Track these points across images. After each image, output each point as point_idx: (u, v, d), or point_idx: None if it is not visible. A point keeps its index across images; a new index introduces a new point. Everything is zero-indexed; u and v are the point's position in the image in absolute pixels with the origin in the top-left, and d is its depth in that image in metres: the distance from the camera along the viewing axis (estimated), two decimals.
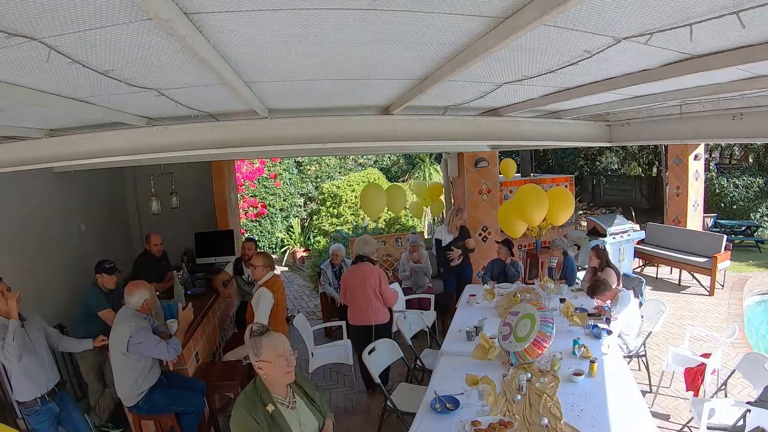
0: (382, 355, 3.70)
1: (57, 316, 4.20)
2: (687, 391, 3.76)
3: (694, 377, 3.66)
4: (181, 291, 4.38)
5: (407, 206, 7.31)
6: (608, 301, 4.12)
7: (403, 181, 11.74)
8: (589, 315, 4.07)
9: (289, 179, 11.20)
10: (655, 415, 2.76)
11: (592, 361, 3.08)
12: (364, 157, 12.07)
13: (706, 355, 3.79)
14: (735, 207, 10.53)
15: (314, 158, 11.48)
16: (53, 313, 4.18)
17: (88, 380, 3.88)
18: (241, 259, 5.21)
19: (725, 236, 7.11)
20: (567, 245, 5.71)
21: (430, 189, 7.92)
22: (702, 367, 3.62)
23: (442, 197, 7.71)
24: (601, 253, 4.87)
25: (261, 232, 10.73)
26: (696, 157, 8.35)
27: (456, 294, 5.55)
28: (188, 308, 3.42)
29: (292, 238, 10.67)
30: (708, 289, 6.83)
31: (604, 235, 7.03)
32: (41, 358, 2.96)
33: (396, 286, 5.41)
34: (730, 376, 3.61)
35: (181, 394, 3.29)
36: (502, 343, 3.20)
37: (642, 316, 4.35)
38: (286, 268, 10.08)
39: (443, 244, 5.73)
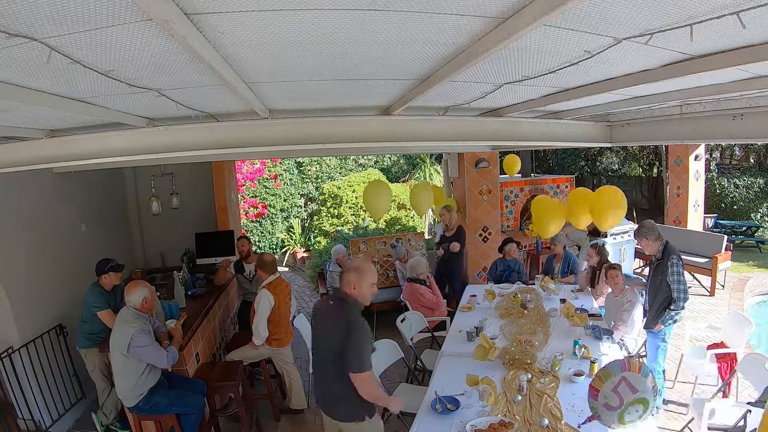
0: (382, 355, 3.69)
1: (57, 316, 4.21)
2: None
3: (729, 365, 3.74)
4: (182, 291, 4.37)
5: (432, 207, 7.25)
6: (620, 296, 4.14)
7: (403, 182, 11.73)
8: (590, 315, 4.07)
9: (290, 180, 11.18)
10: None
11: (593, 362, 3.08)
12: (365, 157, 12.07)
13: (716, 346, 3.87)
14: (735, 207, 10.52)
15: (315, 159, 11.47)
16: (53, 314, 4.19)
17: (94, 378, 3.88)
18: (241, 259, 5.22)
19: (726, 237, 7.11)
20: (567, 241, 5.75)
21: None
22: (733, 355, 3.71)
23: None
24: (601, 249, 4.87)
25: (261, 232, 10.72)
26: (696, 158, 8.35)
27: (456, 297, 5.57)
28: (178, 325, 3.44)
29: (292, 239, 10.67)
30: (709, 289, 6.82)
31: (605, 236, 7.02)
32: None
33: None
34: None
35: (182, 395, 3.28)
36: (600, 408, 2.48)
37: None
38: (287, 269, 10.08)
39: (435, 240, 6.09)
